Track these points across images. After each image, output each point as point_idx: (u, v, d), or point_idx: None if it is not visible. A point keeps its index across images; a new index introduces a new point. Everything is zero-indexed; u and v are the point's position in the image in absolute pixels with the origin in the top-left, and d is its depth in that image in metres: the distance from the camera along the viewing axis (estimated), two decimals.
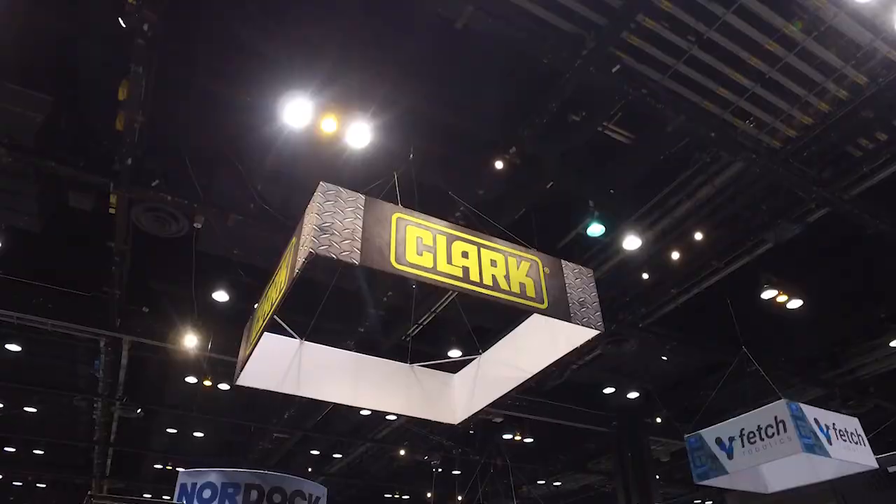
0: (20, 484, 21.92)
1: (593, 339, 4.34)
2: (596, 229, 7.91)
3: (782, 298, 9.38)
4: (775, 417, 7.05)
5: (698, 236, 8.42)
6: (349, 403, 5.48)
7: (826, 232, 8.93)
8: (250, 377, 4.87)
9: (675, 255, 8.79)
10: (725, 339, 10.44)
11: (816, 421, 7.14)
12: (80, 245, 9.14)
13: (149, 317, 10.05)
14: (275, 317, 4.13)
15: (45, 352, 12.18)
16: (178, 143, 7.37)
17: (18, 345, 11.38)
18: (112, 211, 7.48)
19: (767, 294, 9.28)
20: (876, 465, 7.48)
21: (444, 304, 9.47)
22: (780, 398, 7.20)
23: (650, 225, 8.52)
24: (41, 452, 18.91)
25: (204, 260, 8.87)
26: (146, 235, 8.18)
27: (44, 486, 22.41)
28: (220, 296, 9.38)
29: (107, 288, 9.00)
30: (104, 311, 9.54)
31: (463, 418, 5.55)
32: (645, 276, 9.47)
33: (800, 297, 9.49)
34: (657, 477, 15.18)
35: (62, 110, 6.81)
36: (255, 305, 4.89)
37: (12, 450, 18.43)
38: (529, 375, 4.82)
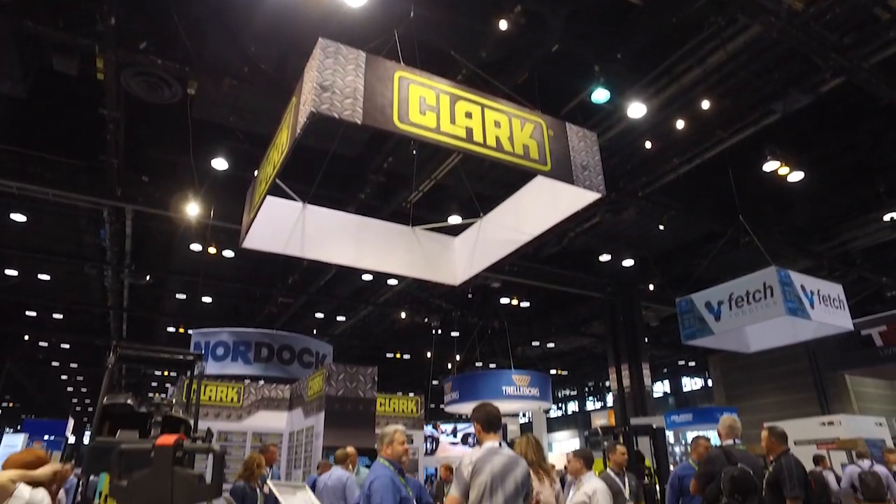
0: (45, 344, 23.32)
1: (594, 203, 4.39)
2: (600, 95, 7.69)
3: (784, 171, 9.31)
4: (764, 283, 7.34)
5: (705, 105, 8.20)
6: (351, 265, 5.61)
7: (836, 104, 8.70)
8: (255, 240, 4.94)
9: (680, 124, 8.64)
10: (724, 209, 10.55)
11: (803, 287, 7.44)
12: (71, 112, 8.92)
13: (149, 186, 10.04)
14: (277, 181, 4.13)
15: (50, 222, 12.36)
16: (165, 2, 6.93)
17: (23, 214, 11.54)
18: (100, 76, 7.21)
19: (769, 166, 9.21)
20: (851, 328, 7.92)
21: (446, 171, 9.44)
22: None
23: (656, 92, 8.27)
24: (60, 317, 19.89)
25: (201, 127, 8.72)
26: (140, 102, 7.97)
27: (67, 346, 23.87)
28: (219, 163, 9.32)
29: (103, 157, 8.90)
30: (104, 181, 9.50)
31: (463, 279, 5.73)
32: (648, 144, 9.37)
33: (801, 170, 9.43)
34: (646, 340, 16.07)
35: None
36: (256, 172, 4.88)
37: (33, 314, 19.36)
38: (530, 238, 4.93)
